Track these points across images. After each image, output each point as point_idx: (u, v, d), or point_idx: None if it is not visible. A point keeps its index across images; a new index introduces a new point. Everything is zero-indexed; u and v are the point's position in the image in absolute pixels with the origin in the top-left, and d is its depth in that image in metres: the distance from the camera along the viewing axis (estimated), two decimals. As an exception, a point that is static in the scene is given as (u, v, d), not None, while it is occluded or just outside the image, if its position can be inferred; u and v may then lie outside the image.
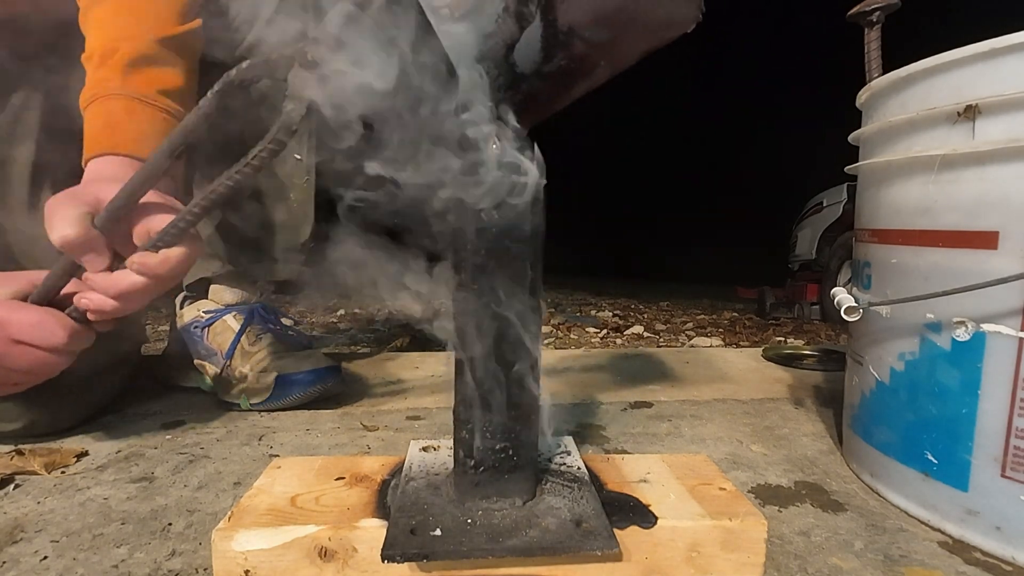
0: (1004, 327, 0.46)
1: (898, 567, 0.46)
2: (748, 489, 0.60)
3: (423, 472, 0.47)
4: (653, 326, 2.54)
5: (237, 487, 0.59)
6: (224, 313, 0.86)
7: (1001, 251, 0.46)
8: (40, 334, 0.53)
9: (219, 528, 0.39)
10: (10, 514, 0.52)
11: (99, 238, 0.50)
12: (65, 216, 0.49)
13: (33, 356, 0.54)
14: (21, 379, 0.57)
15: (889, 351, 0.57)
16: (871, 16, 0.63)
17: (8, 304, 0.53)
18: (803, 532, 0.51)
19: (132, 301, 0.53)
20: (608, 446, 0.71)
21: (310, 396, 0.82)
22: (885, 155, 0.57)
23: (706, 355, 1.29)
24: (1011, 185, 0.46)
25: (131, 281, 0.51)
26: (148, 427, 0.76)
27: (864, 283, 0.62)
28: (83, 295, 0.53)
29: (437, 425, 0.79)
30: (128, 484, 0.59)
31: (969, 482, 0.49)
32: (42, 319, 0.53)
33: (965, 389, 0.49)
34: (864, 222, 0.62)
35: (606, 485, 0.47)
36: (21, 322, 0.53)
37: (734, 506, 0.44)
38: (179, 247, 0.51)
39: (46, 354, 0.54)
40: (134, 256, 0.50)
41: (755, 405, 0.89)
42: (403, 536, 0.38)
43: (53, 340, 0.53)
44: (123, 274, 0.51)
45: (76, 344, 0.55)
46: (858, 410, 0.63)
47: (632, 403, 0.89)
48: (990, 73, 0.46)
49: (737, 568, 0.42)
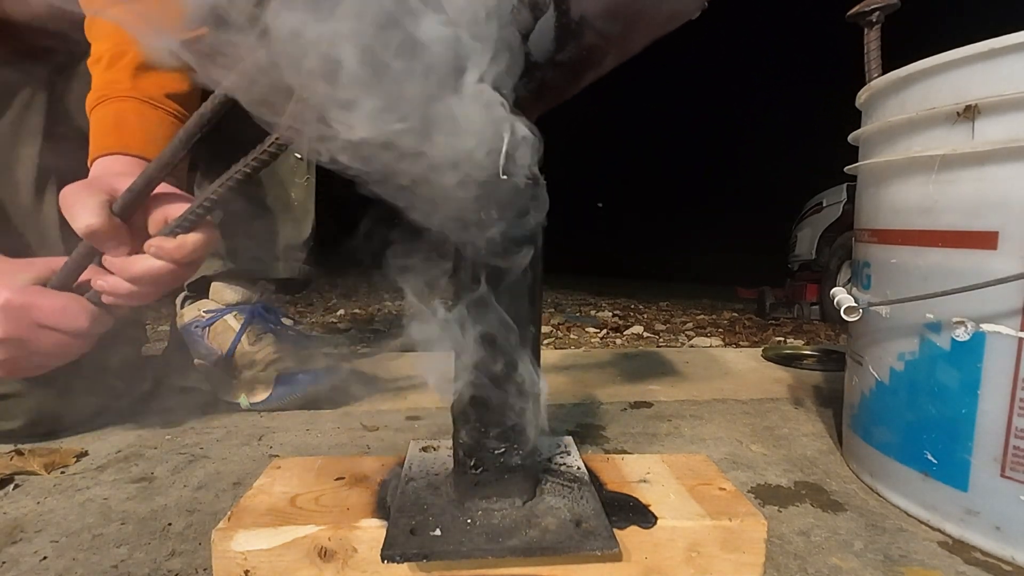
0: (1004, 327, 0.46)
1: (898, 567, 0.46)
2: (748, 489, 0.60)
3: (423, 472, 0.47)
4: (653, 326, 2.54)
5: (237, 487, 0.59)
6: (225, 313, 0.86)
7: (1001, 251, 0.46)
8: (64, 319, 0.55)
9: (219, 528, 0.39)
10: (10, 514, 0.52)
11: (121, 226, 0.52)
12: (86, 205, 0.50)
13: (56, 340, 0.56)
14: (44, 362, 0.59)
15: (889, 351, 0.57)
16: (870, 16, 0.63)
17: (32, 290, 0.55)
18: (803, 532, 0.51)
19: (148, 285, 0.54)
20: (608, 446, 0.71)
21: (310, 396, 0.82)
22: (885, 155, 0.57)
23: (706, 355, 1.29)
24: (1011, 185, 0.46)
25: (148, 265, 0.52)
26: (148, 427, 0.76)
27: (864, 283, 0.62)
28: (100, 278, 0.54)
29: (437, 425, 0.79)
30: (128, 484, 0.59)
31: (969, 482, 0.49)
32: (65, 304, 0.55)
33: (965, 389, 0.49)
34: (864, 222, 0.62)
35: (606, 485, 0.47)
36: (45, 307, 0.54)
37: (734, 506, 0.44)
38: (195, 233, 0.52)
39: (69, 338, 0.56)
40: (151, 240, 0.52)
41: (755, 405, 0.89)
42: (403, 536, 0.38)
43: (76, 324, 0.55)
44: (140, 258, 0.53)
45: (97, 328, 0.57)
46: (858, 410, 0.63)
47: (632, 403, 0.89)
48: (990, 73, 0.46)
49: (737, 568, 0.42)
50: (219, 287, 0.88)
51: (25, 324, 0.54)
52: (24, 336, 0.54)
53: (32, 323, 0.54)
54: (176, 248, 0.52)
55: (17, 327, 0.54)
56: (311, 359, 0.84)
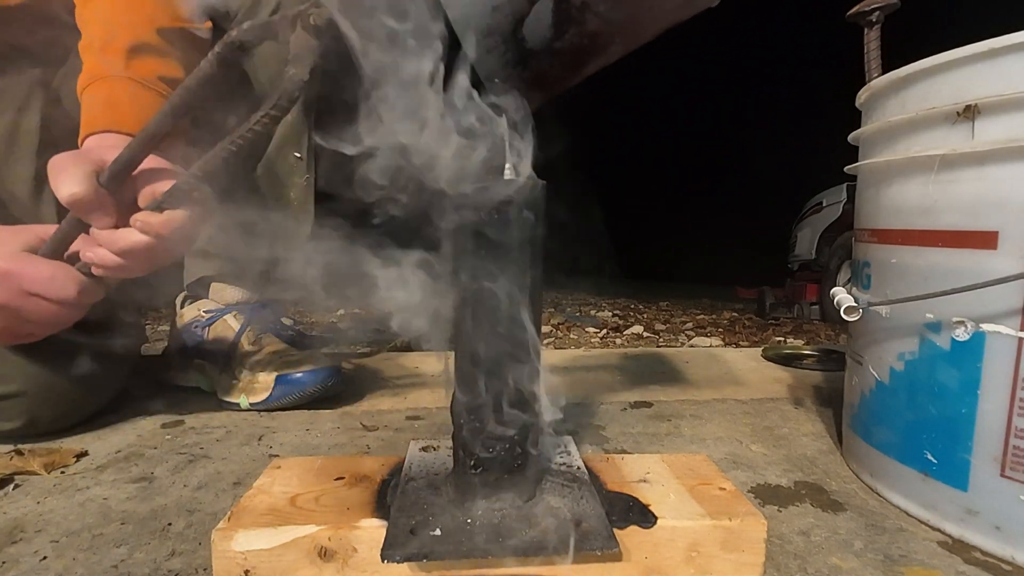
0: (1004, 327, 0.46)
1: (898, 567, 0.46)
2: (748, 489, 0.60)
3: (423, 472, 0.47)
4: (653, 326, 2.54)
5: (237, 487, 0.59)
6: (224, 312, 0.86)
7: (1000, 251, 0.46)
8: (52, 287, 0.55)
9: (219, 528, 0.39)
10: (10, 514, 0.52)
11: (105, 196, 0.51)
12: (72, 174, 0.50)
13: (45, 308, 0.56)
14: (34, 330, 0.59)
15: (889, 351, 0.57)
16: (870, 16, 0.63)
17: (21, 257, 0.55)
18: (803, 532, 0.51)
19: (135, 260, 0.54)
20: (608, 446, 0.71)
21: (310, 396, 0.82)
22: (885, 155, 0.57)
23: (706, 355, 1.29)
24: (1010, 185, 0.46)
25: (135, 239, 0.52)
26: (148, 427, 0.76)
27: (864, 283, 0.62)
28: (88, 249, 0.54)
29: (437, 425, 0.79)
30: (128, 484, 0.59)
31: (969, 482, 0.49)
32: (54, 272, 0.55)
33: (965, 389, 0.49)
34: (864, 222, 0.62)
35: (606, 485, 0.47)
36: (34, 275, 0.55)
37: (734, 506, 0.44)
38: (182, 209, 0.52)
39: (57, 307, 0.56)
40: (138, 215, 0.52)
41: (755, 405, 0.89)
42: (403, 536, 0.38)
43: (64, 293, 0.55)
44: (127, 232, 0.52)
45: (85, 298, 0.57)
46: (858, 410, 0.63)
47: (632, 403, 0.89)
48: (990, 73, 0.46)
49: (737, 568, 0.42)
50: (219, 287, 0.88)
51: (14, 291, 0.54)
52: (12, 303, 0.55)
53: (20, 290, 0.55)
54: (163, 223, 0.51)
55: (7, 294, 0.54)
56: (311, 359, 0.84)
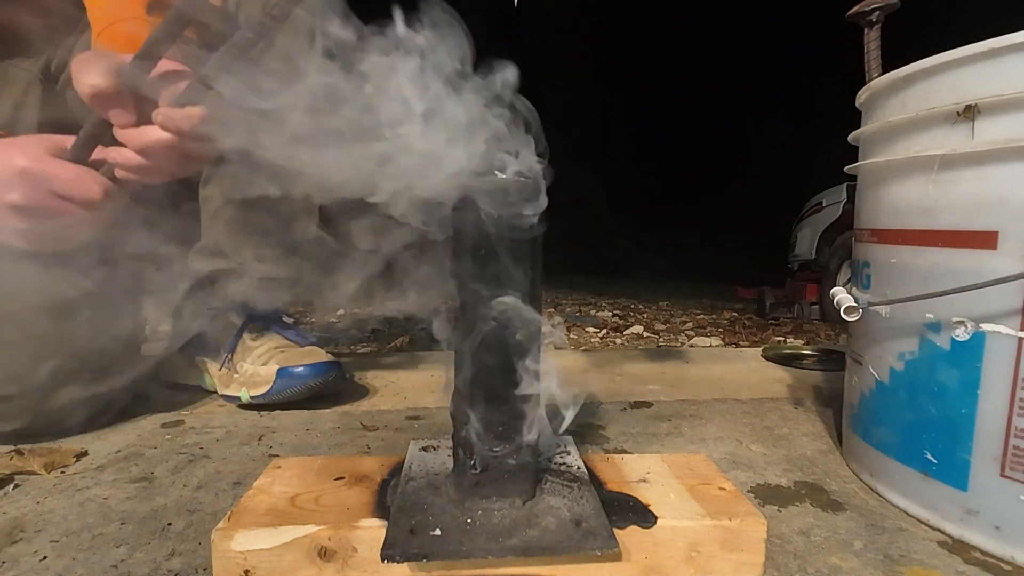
0: (1003, 327, 0.46)
1: (898, 567, 0.46)
2: (748, 489, 0.60)
3: (423, 472, 0.47)
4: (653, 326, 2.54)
5: (237, 487, 0.59)
6: (227, 310, 0.86)
7: (1000, 251, 0.46)
8: (79, 188, 0.56)
9: (219, 528, 0.39)
10: (10, 514, 0.52)
11: (126, 91, 0.52)
12: (95, 66, 0.51)
13: (71, 211, 0.57)
14: (61, 233, 0.60)
15: (889, 351, 0.57)
16: (870, 16, 0.63)
17: (48, 159, 0.56)
18: (803, 532, 0.51)
19: (157, 159, 0.55)
20: (608, 446, 0.71)
21: (310, 390, 0.82)
22: (885, 155, 0.57)
23: (706, 355, 1.29)
24: (1010, 185, 0.46)
25: (157, 136, 0.53)
26: (148, 427, 0.76)
27: (864, 283, 0.62)
28: (112, 149, 0.56)
29: (437, 425, 0.79)
30: (128, 484, 0.59)
31: (968, 482, 0.49)
32: (80, 174, 0.57)
33: (964, 389, 0.49)
34: (864, 222, 0.62)
35: (606, 485, 0.47)
36: (61, 176, 0.56)
37: (734, 506, 0.44)
38: (202, 105, 0.52)
39: (84, 210, 0.58)
40: (159, 110, 0.52)
41: (755, 405, 0.89)
42: (403, 536, 0.38)
43: (90, 195, 0.57)
44: (149, 128, 0.54)
45: (110, 203, 0.59)
46: (858, 410, 0.63)
47: (632, 403, 0.89)
48: (990, 73, 0.46)
49: (737, 568, 0.42)
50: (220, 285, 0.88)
51: (43, 192, 0.55)
52: (42, 204, 0.56)
53: (49, 191, 0.56)
54: (184, 118, 0.52)
55: (36, 194, 0.55)
56: (312, 354, 0.84)
